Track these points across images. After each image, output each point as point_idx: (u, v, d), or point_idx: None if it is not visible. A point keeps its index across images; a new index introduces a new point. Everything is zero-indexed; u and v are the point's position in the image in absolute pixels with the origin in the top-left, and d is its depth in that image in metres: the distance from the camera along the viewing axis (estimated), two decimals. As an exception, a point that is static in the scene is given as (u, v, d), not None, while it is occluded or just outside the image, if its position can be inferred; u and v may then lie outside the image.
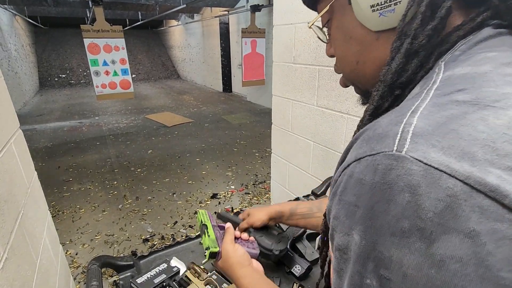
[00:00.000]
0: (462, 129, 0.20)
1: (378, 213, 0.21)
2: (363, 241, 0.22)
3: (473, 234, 0.18)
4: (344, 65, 0.41)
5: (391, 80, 0.31)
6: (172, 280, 0.76)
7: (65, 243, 2.32)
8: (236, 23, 8.22)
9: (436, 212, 0.19)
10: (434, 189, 0.19)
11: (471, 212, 0.18)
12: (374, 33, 0.34)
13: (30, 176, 1.01)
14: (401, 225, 0.20)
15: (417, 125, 0.21)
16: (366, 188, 0.22)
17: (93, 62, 3.93)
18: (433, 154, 0.19)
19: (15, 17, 8.85)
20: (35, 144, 4.67)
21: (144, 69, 13.54)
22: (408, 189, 0.20)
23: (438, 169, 0.19)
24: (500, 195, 0.18)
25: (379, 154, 0.22)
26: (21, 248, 0.78)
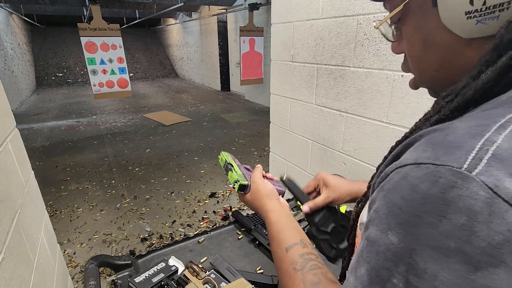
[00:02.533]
0: None
1: (425, 224, 0.20)
2: (401, 244, 0.21)
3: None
4: (420, 71, 0.36)
5: (472, 96, 0.26)
6: (170, 279, 0.76)
7: (63, 243, 2.31)
8: (234, 21, 8.20)
9: (491, 244, 0.18)
10: (496, 220, 0.18)
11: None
12: (465, 40, 0.29)
13: (27, 176, 1.00)
14: (447, 244, 0.19)
15: (501, 145, 0.19)
16: (418, 196, 0.21)
17: (90, 60, 3.90)
18: (507, 184, 0.18)
19: (11, 15, 8.78)
20: (32, 143, 4.64)
21: (142, 67, 13.49)
22: (466, 213, 0.18)
23: (508, 202, 0.18)
24: None
25: (444, 167, 0.20)
26: (18, 248, 0.77)
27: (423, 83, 0.38)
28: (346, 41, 1.27)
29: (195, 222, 2.59)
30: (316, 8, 1.36)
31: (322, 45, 1.38)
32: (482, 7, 0.26)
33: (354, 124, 1.32)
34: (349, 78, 1.30)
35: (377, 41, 1.15)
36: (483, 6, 0.26)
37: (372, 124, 1.24)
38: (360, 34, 1.21)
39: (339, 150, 1.42)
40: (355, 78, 1.27)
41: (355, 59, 1.25)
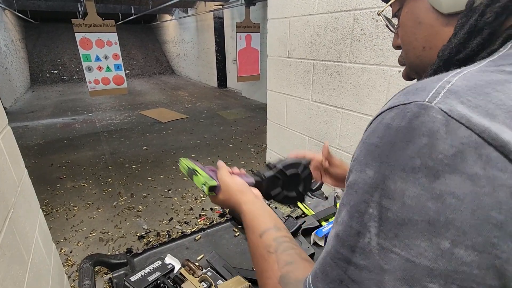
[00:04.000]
0: (495, 93, 0.22)
1: (396, 150, 0.23)
2: (376, 175, 0.24)
3: (475, 177, 0.20)
4: (409, 52, 0.40)
5: (448, 55, 0.31)
6: (166, 277, 0.75)
7: (59, 241, 2.29)
8: (230, 17, 8.14)
9: (447, 155, 0.21)
10: (451, 136, 0.21)
11: (478, 159, 0.20)
12: (445, 17, 0.33)
13: (20, 174, 0.99)
14: (413, 163, 0.22)
15: (455, 83, 0.23)
16: (391, 131, 0.24)
17: (85, 57, 3.86)
18: (458, 109, 0.22)
19: (4, 11, 8.64)
20: (27, 141, 4.59)
21: (138, 64, 13.38)
22: (428, 133, 0.22)
23: (458, 121, 0.21)
24: (508, 150, 0.20)
25: (411, 104, 0.24)
26: (11, 247, 0.76)
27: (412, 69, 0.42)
28: (342, 36, 1.26)
29: (193, 219, 2.59)
30: (312, 4, 1.35)
31: (318, 40, 1.37)
32: None
33: (351, 120, 1.31)
34: (345, 74, 1.29)
35: (374, 36, 1.14)
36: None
37: (368, 120, 1.24)
38: (356, 29, 1.20)
39: (336, 146, 1.41)
40: (351, 74, 1.27)
41: (351, 55, 1.25)
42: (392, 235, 0.23)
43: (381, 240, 0.23)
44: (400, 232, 0.22)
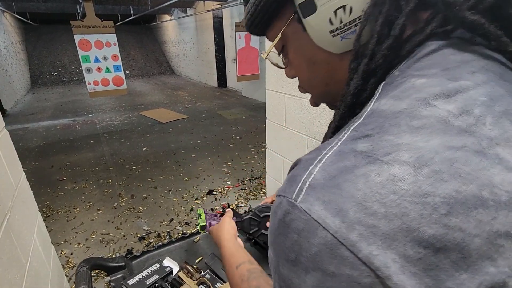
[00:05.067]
0: (344, 185, 0.23)
1: (279, 241, 0.26)
2: (274, 258, 0.28)
3: (332, 275, 0.22)
4: (313, 88, 0.41)
5: (350, 101, 0.32)
6: (164, 280, 0.75)
7: (59, 243, 2.29)
8: (229, 17, 8.12)
9: (311, 253, 0.23)
10: (312, 235, 0.23)
11: (333, 259, 0.22)
12: (338, 54, 0.34)
13: (17, 177, 0.98)
14: (291, 255, 0.25)
15: (315, 176, 0.24)
16: (276, 221, 0.27)
17: (84, 58, 3.85)
18: (316, 207, 0.23)
19: (3, 13, 8.64)
20: (27, 143, 4.60)
21: (138, 65, 13.38)
22: (296, 231, 0.24)
23: (317, 221, 0.23)
24: (357, 250, 0.21)
25: (285, 198, 0.26)
26: (8, 251, 0.75)
27: (319, 99, 0.43)
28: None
29: (193, 220, 2.58)
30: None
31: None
32: (340, 25, 0.31)
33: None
34: (344, 73, 1.28)
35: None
36: (341, 24, 0.31)
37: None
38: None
39: (336, 145, 1.40)
40: (350, 73, 1.25)
41: (350, 53, 1.23)
42: None
43: None
44: None
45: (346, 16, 0.30)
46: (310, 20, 0.32)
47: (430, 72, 0.27)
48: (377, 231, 0.21)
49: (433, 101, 0.25)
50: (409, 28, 0.30)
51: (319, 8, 0.31)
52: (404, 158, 0.22)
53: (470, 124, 0.23)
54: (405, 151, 0.22)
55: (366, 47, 0.30)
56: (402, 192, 0.21)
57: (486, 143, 0.22)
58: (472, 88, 0.25)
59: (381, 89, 0.29)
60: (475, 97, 0.24)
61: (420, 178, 0.21)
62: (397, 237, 0.20)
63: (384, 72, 0.30)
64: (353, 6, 0.30)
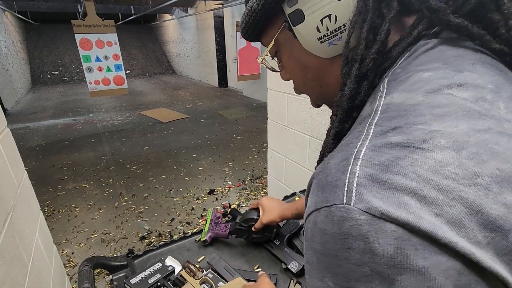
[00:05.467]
0: (396, 178, 0.22)
1: (342, 260, 0.23)
2: (337, 286, 0.24)
3: (423, 271, 0.20)
4: (309, 90, 0.43)
5: (347, 105, 0.33)
6: (167, 279, 0.75)
7: (60, 243, 2.29)
8: (230, 16, 8.12)
9: (388, 256, 0.21)
10: (381, 234, 0.21)
11: (417, 251, 0.20)
12: (328, 59, 0.36)
13: (19, 176, 0.98)
14: (363, 271, 0.22)
15: (360, 174, 0.23)
16: (328, 238, 0.24)
17: (85, 58, 3.85)
18: (375, 204, 0.22)
19: (4, 13, 8.65)
20: (28, 143, 4.60)
21: (139, 64, 13.38)
22: (360, 238, 0.22)
23: (380, 218, 0.21)
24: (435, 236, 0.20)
25: (333, 206, 0.23)
26: (10, 250, 0.75)
27: (317, 99, 0.45)
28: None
29: (194, 219, 2.58)
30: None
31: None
32: (327, 32, 0.33)
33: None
34: (346, 73, 1.28)
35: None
36: (327, 31, 0.33)
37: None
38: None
39: (337, 145, 1.40)
40: (352, 72, 1.25)
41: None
42: None
43: None
44: None
45: (332, 24, 0.33)
46: (299, 28, 0.35)
47: (432, 66, 0.28)
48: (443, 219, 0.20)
49: (447, 91, 0.26)
50: (397, 33, 0.32)
51: (307, 17, 0.33)
52: (442, 144, 0.22)
53: (488, 109, 0.24)
54: (440, 137, 0.23)
55: (355, 53, 0.32)
56: (453, 176, 0.21)
57: (507, 125, 0.24)
58: (477, 77, 0.26)
59: (386, 85, 0.30)
60: (483, 85, 0.26)
61: (463, 160, 0.21)
62: (463, 223, 0.20)
63: (375, 75, 0.32)
64: (338, 15, 0.32)
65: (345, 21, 0.32)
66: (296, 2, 0.33)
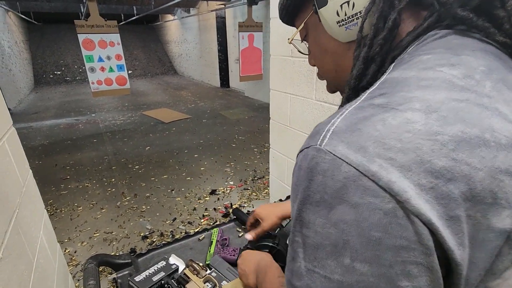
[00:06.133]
0: (365, 128, 0.26)
1: (305, 188, 0.28)
2: (296, 209, 0.29)
3: (356, 205, 0.24)
4: (326, 74, 0.46)
5: (354, 84, 0.37)
6: (170, 277, 0.75)
7: (63, 241, 2.31)
8: (232, 17, 8.13)
9: (335, 189, 0.25)
10: (336, 172, 0.25)
11: (357, 190, 0.24)
12: (345, 44, 0.39)
13: (24, 175, 0.99)
14: (316, 197, 0.27)
15: (337, 125, 0.28)
16: (302, 172, 0.29)
17: (88, 58, 3.86)
18: (339, 148, 0.26)
19: (7, 13, 8.70)
20: (31, 142, 4.63)
21: (141, 65, 13.42)
22: (321, 172, 0.26)
23: (340, 159, 0.25)
24: (377, 178, 0.24)
25: (310, 147, 0.28)
26: (16, 247, 0.76)
27: (332, 85, 0.48)
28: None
29: (196, 219, 2.59)
30: (315, 2, 1.34)
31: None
32: (345, 17, 0.37)
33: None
34: (349, 73, 1.28)
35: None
36: (345, 16, 0.37)
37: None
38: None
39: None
40: (355, 73, 1.26)
41: (355, 54, 1.24)
42: (313, 258, 0.28)
43: (307, 263, 0.28)
44: (317, 255, 0.27)
45: (349, 10, 0.36)
46: (322, 11, 0.39)
47: (435, 51, 0.31)
48: (394, 162, 0.24)
49: (439, 68, 0.28)
50: (411, 24, 0.35)
51: (329, 2, 0.37)
52: (415, 107, 0.26)
53: (472, 85, 0.27)
54: (416, 102, 0.26)
55: (366, 38, 0.35)
56: (415, 131, 0.24)
57: (486, 100, 0.26)
58: (472, 60, 0.29)
59: (392, 67, 0.33)
60: (475, 66, 0.28)
61: (430, 121, 0.25)
62: (411, 168, 0.23)
63: (382, 60, 0.35)
64: (356, 2, 0.36)
65: (361, 8, 0.35)
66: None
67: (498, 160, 0.24)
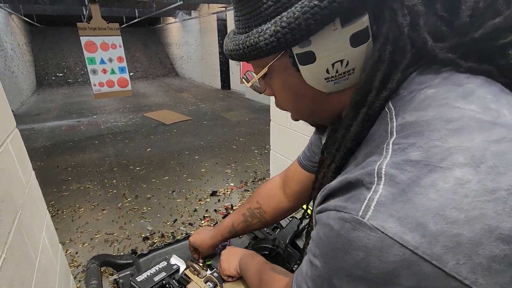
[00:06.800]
0: (416, 198, 0.23)
1: (336, 257, 0.26)
2: (324, 270, 0.28)
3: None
4: (301, 116, 0.45)
5: (351, 144, 0.34)
6: (172, 278, 0.76)
7: (65, 242, 2.31)
8: (233, 19, 8.16)
9: (383, 272, 0.23)
10: (385, 254, 0.23)
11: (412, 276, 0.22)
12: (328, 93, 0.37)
13: (27, 176, 1.00)
14: (356, 272, 0.25)
15: (381, 193, 0.24)
16: (333, 234, 0.27)
17: (90, 60, 3.89)
18: (390, 224, 0.23)
19: (10, 15, 8.77)
20: (33, 144, 4.65)
21: (142, 67, 13.47)
22: (363, 250, 0.24)
23: (392, 239, 0.22)
24: (443, 263, 0.21)
25: (349, 214, 0.26)
26: (19, 248, 0.77)
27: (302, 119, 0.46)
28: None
29: (197, 220, 2.59)
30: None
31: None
32: (336, 74, 0.34)
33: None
34: (349, 75, 1.29)
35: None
36: (337, 73, 0.33)
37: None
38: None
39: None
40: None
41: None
42: None
43: None
44: None
45: (342, 68, 0.33)
46: (307, 67, 0.34)
47: (433, 82, 0.29)
48: (462, 239, 0.21)
49: (455, 103, 0.26)
50: None
51: (318, 60, 0.33)
52: (460, 160, 0.23)
53: (496, 117, 0.25)
54: (458, 154, 0.23)
55: (363, 98, 0.32)
56: (473, 193, 0.21)
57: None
58: (476, 89, 0.27)
59: (392, 106, 0.31)
60: (483, 96, 0.27)
61: (482, 176, 0.22)
62: (482, 241, 0.21)
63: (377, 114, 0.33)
64: (350, 60, 0.33)
65: (356, 65, 0.33)
66: (309, 45, 0.32)
67: None
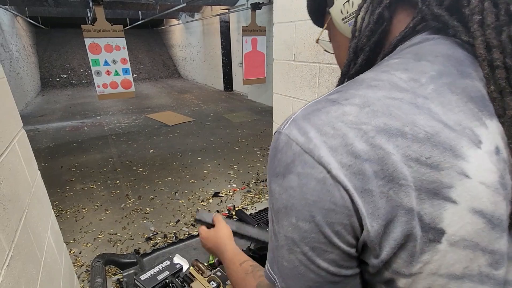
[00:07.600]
0: (312, 117, 0.32)
1: (270, 164, 0.35)
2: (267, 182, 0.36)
3: (299, 174, 0.31)
4: (340, 65, 0.50)
5: (345, 71, 0.41)
6: (175, 276, 0.77)
7: (68, 242, 2.33)
8: (236, 21, 8.20)
9: (287, 162, 0.32)
10: (289, 149, 0.32)
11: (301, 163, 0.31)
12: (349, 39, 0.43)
13: (33, 176, 1.02)
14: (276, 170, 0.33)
15: (297, 114, 0.34)
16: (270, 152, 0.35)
17: (94, 62, 3.93)
18: (293, 131, 0.32)
19: (16, 17, 8.87)
20: (37, 144, 4.69)
21: (145, 68, 13.55)
22: (280, 150, 0.33)
23: (292, 140, 0.32)
24: (312, 154, 0.30)
25: (276, 132, 0.35)
26: (26, 246, 0.78)
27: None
28: (348, 40, 1.26)
29: (199, 221, 2.60)
30: (318, 7, 1.36)
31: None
32: (347, 14, 0.41)
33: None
34: (351, 77, 1.29)
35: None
36: (347, 13, 0.41)
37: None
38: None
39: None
40: (357, 77, 1.27)
41: (357, 58, 1.25)
42: (276, 220, 0.34)
43: (275, 225, 0.35)
44: (278, 217, 0.34)
45: (350, 7, 0.41)
46: (331, 10, 0.44)
47: (405, 56, 0.34)
48: (325, 144, 0.30)
49: (393, 71, 0.33)
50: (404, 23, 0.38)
51: (335, 2, 0.43)
52: (355, 102, 0.31)
53: (413, 87, 0.31)
54: (357, 98, 0.31)
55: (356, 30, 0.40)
56: (347, 121, 0.30)
57: (421, 100, 0.30)
58: (428, 66, 0.32)
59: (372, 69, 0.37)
60: (427, 71, 0.32)
61: (361, 113, 0.30)
62: (337, 149, 0.29)
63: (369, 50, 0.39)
64: (354, 1, 0.40)
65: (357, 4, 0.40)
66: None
67: (411, 149, 0.28)
